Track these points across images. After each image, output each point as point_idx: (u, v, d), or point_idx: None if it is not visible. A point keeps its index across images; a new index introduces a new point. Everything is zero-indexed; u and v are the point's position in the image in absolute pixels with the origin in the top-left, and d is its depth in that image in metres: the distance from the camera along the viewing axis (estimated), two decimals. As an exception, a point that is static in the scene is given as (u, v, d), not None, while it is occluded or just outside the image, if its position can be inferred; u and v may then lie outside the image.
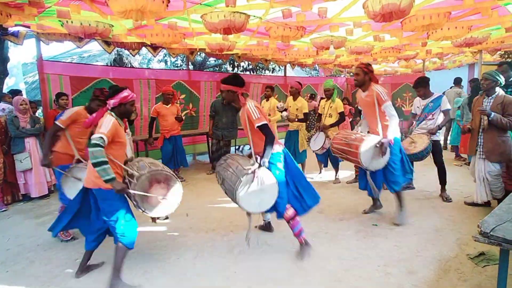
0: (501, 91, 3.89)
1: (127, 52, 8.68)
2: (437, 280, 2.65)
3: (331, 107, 5.31)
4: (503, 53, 8.63)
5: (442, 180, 4.57)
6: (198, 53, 8.77)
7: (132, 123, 5.89)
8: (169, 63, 15.20)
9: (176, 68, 14.37)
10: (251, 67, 14.26)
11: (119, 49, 8.08)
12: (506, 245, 1.81)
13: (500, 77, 3.83)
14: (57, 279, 2.84)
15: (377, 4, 3.34)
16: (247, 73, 13.94)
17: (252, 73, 13.97)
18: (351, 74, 12.23)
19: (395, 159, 3.65)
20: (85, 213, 2.82)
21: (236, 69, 14.35)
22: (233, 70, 14.40)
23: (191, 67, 11.25)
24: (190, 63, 9.26)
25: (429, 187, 5.01)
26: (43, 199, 5.02)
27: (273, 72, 15.02)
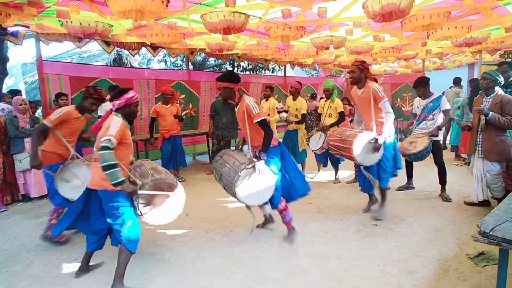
0: (500, 90, 3.89)
1: (126, 52, 8.68)
2: (436, 280, 2.66)
3: (330, 107, 5.32)
4: (502, 53, 8.61)
5: (442, 180, 4.58)
6: (198, 53, 8.76)
7: (132, 123, 5.87)
8: (169, 63, 15.19)
9: (176, 68, 14.36)
10: (251, 67, 14.26)
11: (118, 49, 8.07)
12: (505, 245, 1.81)
13: (499, 76, 3.84)
14: (57, 279, 2.84)
15: (376, 4, 3.35)
16: (247, 73, 13.94)
17: (252, 73, 13.97)
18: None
19: (388, 155, 3.74)
20: (87, 214, 2.78)
21: (236, 69, 14.34)
22: (233, 70, 14.38)
23: (191, 67, 11.24)
24: (190, 63, 9.25)
25: (429, 187, 5.02)
26: (43, 199, 5.01)
27: (273, 72, 15.02)
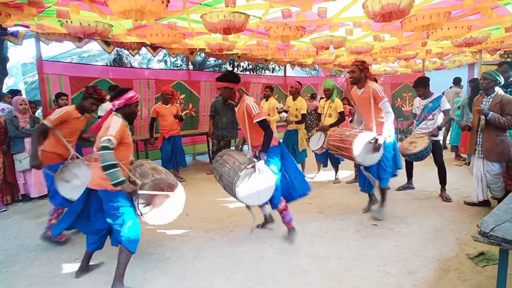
0: (500, 90, 3.89)
1: (126, 52, 8.69)
2: (437, 280, 2.65)
3: (330, 107, 5.31)
4: (503, 53, 8.61)
5: (442, 180, 4.58)
6: (198, 53, 8.76)
7: (132, 123, 5.87)
8: (169, 63, 15.19)
9: (176, 68, 14.36)
10: (251, 67, 14.26)
11: (118, 49, 8.07)
12: (505, 245, 1.81)
13: (499, 76, 3.83)
14: (57, 279, 2.84)
15: (376, 4, 3.35)
16: (247, 73, 13.94)
17: (252, 73, 13.97)
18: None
19: (388, 155, 3.74)
20: (87, 214, 2.78)
21: (236, 69, 14.34)
22: (233, 70, 14.38)
23: (191, 67, 11.23)
24: (190, 63, 9.25)
25: (429, 187, 5.02)
26: (43, 199, 5.00)
27: (273, 72, 15.02)
